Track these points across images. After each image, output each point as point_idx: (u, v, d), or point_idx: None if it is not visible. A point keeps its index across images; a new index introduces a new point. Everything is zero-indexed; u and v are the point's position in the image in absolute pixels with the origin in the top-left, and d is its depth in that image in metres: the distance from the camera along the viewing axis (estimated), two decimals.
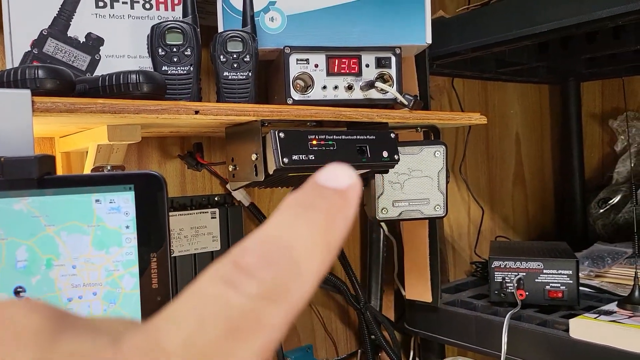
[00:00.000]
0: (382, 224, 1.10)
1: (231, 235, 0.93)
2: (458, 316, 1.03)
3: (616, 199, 1.40)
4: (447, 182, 0.86)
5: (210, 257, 0.91)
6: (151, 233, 0.41)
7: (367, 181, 0.84)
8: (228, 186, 0.96)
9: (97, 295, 0.41)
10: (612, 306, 0.91)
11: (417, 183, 0.83)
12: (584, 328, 0.84)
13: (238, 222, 0.94)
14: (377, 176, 0.82)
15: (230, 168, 0.71)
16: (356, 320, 1.14)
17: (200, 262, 0.90)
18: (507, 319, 0.89)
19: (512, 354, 0.91)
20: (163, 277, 0.41)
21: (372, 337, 1.10)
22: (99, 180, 0.41)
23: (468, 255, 1.36)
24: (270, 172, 0.62)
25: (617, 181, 1.44)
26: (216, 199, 0.95)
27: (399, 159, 0.72)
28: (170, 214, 0.88)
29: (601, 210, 1.43)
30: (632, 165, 1.43)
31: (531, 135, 1.54)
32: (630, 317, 0.85)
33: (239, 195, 0.95)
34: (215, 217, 0.92)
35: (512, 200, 1.48)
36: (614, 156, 1.49)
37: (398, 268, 1.14)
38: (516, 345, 0.91)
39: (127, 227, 0.41)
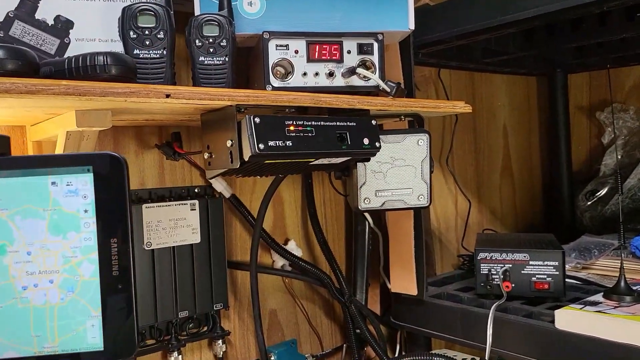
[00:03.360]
0: (367, 215, 1.08)
1: (211, 227, 0.91)
2: (444, 309, 1.02)
3: (603, 191, 1.40)
4: (432, 172, 0.84)
5: (189, 250, 0.89)
6: (112, 217, 0.39)
7: (349, 170, 0.82)
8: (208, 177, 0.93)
9: (53, 283, 0.39)
10: (598, 297, 0.90)
11: (400, 172, 0.81)
12: (570, 319, 0.83)
13: (219, 214, 0.92)
14: (360, 165, 0.80)
15: (206, 156, 0.69)
16: (341, 315, 1.12)
17: (179, 255, 0.88)
18: (493, 311, 0.87)
19: (498, 346, 0.90)
20: (124, 263, 0.39)
21: (357, 331, 1.08)
22: (55, 161, 0.38)
23: (455, 248, 1.35)
24: (246, 158, 0.60)
25: (605, 173, 1.44)
26: (196, 190, 0.92)
27: (380, 147, 0.70)
28: (148, 205, 0.85)
29: (588, 203, 1.42)
30: (619, 157, 1.43)
31: (519, 127, 1.53)
32: (615, 307, 0.84)
33: (220, 187, 0.93)
34: (195, 209, 0.90)
35: (499, 193, 1.47)
36: (601, 148, 1.49)
37: (384, 261, 1.12)
38: (502, 337, 0.90)
39: (86, 211, 0.39)
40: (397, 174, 0.81)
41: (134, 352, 0.40)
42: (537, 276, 0.97)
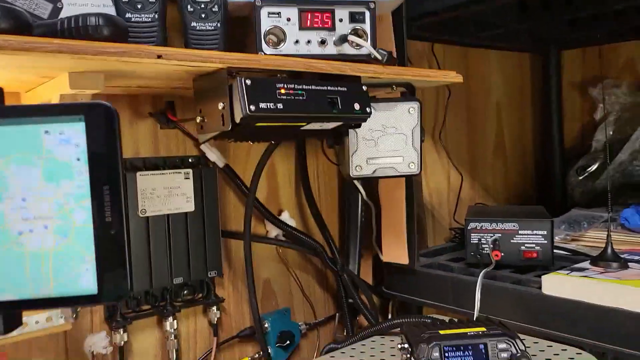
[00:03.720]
0: (360, 187, 1.09)
1: (205, 196, 0.92)
2: (435, 278, 1.04)
3: (594, 167, 1.41)
4: (422, 140, 0.85)
5: (184, 218, 0.90)
6: (103, 165, 0.40)
7: (341, 138, 0.83)
8: (202, 147, 0.94)
9: (48, 228, 0.40)
10: (585, 264, 0.92)
11: (391, 140, 0.82)
12: (556, 284, 0.85)
13: (212, 184, 0.93)
14: (351, 133, 0.81)
15: (198, 120, 0.70)
16: (334, 285, 1.14)
17: (174, 222, 0.89)
18: (481, 277, 0.89)
19: (487, 312, 0.92)
20: (116, 210, 0.40)
21: (350, 300, 1.10)
22: (48, 110, 0.39)
23: (448, 223, 1.36)
24: (237, 120, 0.61)
25: (596, 149, 1.45)
26: (190, 160, 0.93)
27: (371, 112, 0.71)
28: (142, 173, 0.86)
29: (580, 178, 1.44)
30: (611, 133, 1.44)
31: (512, 104, 1.53)
32: (601, 273, 0.86)
33: (213, 156, 0.94)
34: (188, 178, 0.91)
35: (492, 169, 1.48)
36: (594, 124, 1.50)
37: (376, 233, 1.14)
38: (490, 304, 0.92)
39: (78, 159, 0.40)
40: (388, 142, 0.82)
41: (127, 296, 0.41)
42: (526, 245, 0.99)
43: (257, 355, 1.01)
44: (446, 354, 0.60)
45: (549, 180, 1.53)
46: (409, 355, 0.61)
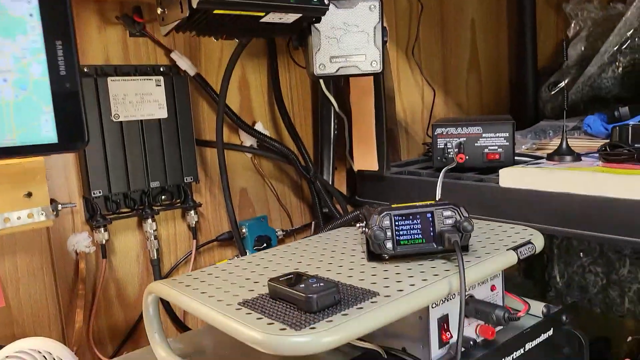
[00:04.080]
0: (332, 100, 1.12)
1: (178, 103, 0.95)
2: (403, 182, 1.09)
3: (565, 82, 1.44)
4: (385, 40, 0.88)
5: (157, 125, 0.94)
6: (55, 21, 0.43)
7: (305, 40, 0.86)
8: (172, 55, 0.96)
9: (7, 81, 0.43)
10: (542, 161, 0.97)
11: (354, 38, 0.84)
12: (513, 175, 0.90)
13: (184, 92, 0.96)
14: (314, 32, 0.83)
15: (159, 11, 0.72)
16: (309, 195, 1.19)
17: (147, 128, 0.92)
18: (443, 172, 0.94)
19: None
20: (70, 63, 0.43)
21: (325, 210, 1.15)
22: None
23: (421, 139, 1.40)
24: (194, 5, 0.63)
25: (568, 65, 1.47)
26: (161, 69, 0.95)
27: (329, 4, 0.73)
28: (113, 78, 0.89)
29: (551, 94, 1.47)
30: (582, 49, 1.46)
31: (487, 21, 1.54)
32: (555, 164, 0.91)
33: (184, 65, 0.96)
34: (160, 85, 0.93)
35: (466, 86, 1.51)
36: (567, 42, 1.51)
37: (349, 145, 1.18)
38: (453, 200, 0.97)
39: (31, 15, 0.43)
40: (351, 40, 0.84)
41: (85, 144, 0.45)
42: (489, 147, 1.03)
43: (235, 257, 1.07)
44: (396, 223, 0.65)
45: (523, 98, 1.56)
46: (365, 229, 0.66)
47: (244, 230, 1.07)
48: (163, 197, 0.97)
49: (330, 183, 1.17)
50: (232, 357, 0.73)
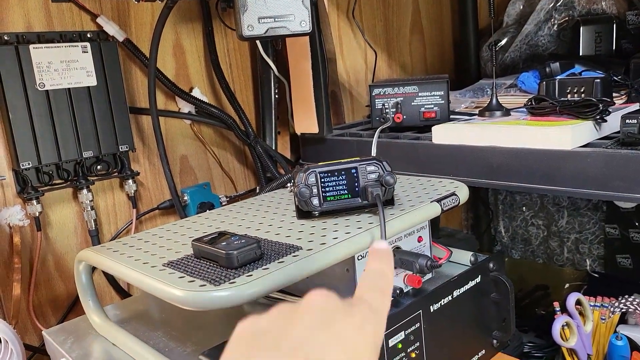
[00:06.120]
0: (271, 63, 1.11)
1: (107, 70, 0.93)
2: (343, 143, 1.10)
3: (504, 41, 1.47)
4: (315, 1, 0.87)
5: (87, 93, 0.91)
6: None
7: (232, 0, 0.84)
8: (99, 20, 0.93)
9: None
10: (474, 117, 0.99)
11: None
12: (444, 132, 0.92)
13: (113, 58, 0.93)
14: None
15: None
16: (253, 161, 1.19)
17: (76, 96, 0.90)
18: (377, 132, 0.95)
19: None
20: None
21: (268, 175, 1.16)
22: None
23: (365, 101, 1.41)
24: None
25: (507, 24, 1.50)
26: (88, 35, 0.92)
27: None
28: (36, 45, 0.86)
29: (491, 53, 1.49)
30: (521, 7, 1.48)
31: None
32: (484, 119, 0.93)
33: (112, 30, 0.93)
34: (87, 52, 0.91)
35: (409, 48, 1.52)
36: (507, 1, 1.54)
37: (291, 109, 1.18)
38: (390, 158, 0.98)
39: None
40: (279, 0, 0.83)
41: None
42: (425, 106, 1.05)
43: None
44: (322, 179, 0.66)
45: (465, 59, 1.58)
46: (292, 187, 0.67)
47: (185, 198, 1.07)
48: (99, 167, 0.95)
49: (272, 147, 1.17)
50: (168, 320, 0.74)
